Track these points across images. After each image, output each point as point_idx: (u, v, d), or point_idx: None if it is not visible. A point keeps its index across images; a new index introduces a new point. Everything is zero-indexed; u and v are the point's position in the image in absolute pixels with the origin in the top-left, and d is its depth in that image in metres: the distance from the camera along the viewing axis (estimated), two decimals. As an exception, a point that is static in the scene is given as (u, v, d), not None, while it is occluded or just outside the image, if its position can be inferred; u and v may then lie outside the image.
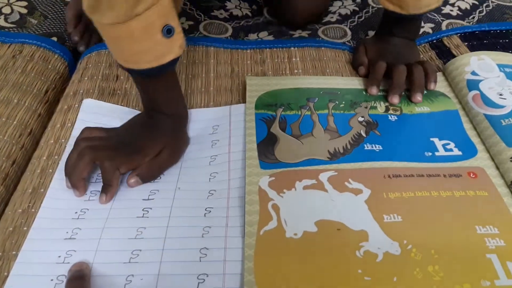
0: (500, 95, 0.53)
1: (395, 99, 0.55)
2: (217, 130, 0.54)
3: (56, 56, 0.65)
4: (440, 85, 0.58)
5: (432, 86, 0.57)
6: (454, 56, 0.64)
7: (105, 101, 0.57)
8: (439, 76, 0.60)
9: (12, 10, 0.71)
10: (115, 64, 0.63)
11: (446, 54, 0.65)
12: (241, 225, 0.43)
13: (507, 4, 0.73)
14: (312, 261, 0.40)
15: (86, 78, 0.61)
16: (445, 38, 0.68)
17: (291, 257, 0.40)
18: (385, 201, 0.44)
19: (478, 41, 0.66)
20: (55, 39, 0.68)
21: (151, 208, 0.45)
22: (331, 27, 0.74)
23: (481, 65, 0.57)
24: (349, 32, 0.72)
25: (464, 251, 0.40)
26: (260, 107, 0.55)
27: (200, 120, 0.56)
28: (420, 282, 0.38)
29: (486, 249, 0.40)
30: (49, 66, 0.63)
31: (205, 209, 0.45)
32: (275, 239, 0.41)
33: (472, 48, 0.65)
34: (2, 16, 0.70)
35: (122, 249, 0.42)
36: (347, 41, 0.72)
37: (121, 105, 0.57)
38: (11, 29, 0.69)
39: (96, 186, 0.48)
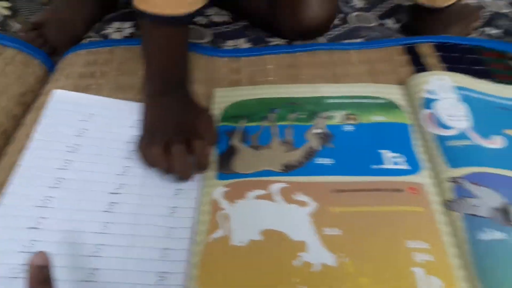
0: (450, 116, 0.56)
1: None
2: None
3: (36, 62, 0.67)
4: (400, 98, 0.61)
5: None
6: (422, 65, 0.66)
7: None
8: (401, 90, 0.62)
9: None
10: (91, 63, 0.65)
11: (417, 62, 0.67)
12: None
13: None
14: (255, 269, 0.43)
15: (62, 77, 0.63)
16: (419, 44, 0.70)
17: (236, 265, 0.44)
18: (329, 215, 0.47)
19: (448, 52, 0.68)
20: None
21: (117, 203, 0.49)
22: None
23: (440, 85, 0.60)
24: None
25: (392, 265, 0.44)
26: (226, 119, 0.58)
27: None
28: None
29: (413, 262, 0.43)
30: (29, 71, 0.65)
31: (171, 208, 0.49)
32: (222, 248, 0.45)
33: (443, 59, 0.67)
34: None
35: (86, 243, 0.46)
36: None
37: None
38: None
39: (62, 173, 0.50)
